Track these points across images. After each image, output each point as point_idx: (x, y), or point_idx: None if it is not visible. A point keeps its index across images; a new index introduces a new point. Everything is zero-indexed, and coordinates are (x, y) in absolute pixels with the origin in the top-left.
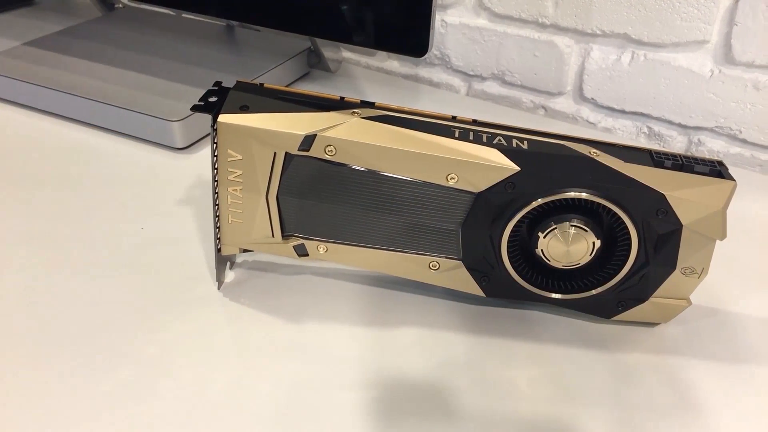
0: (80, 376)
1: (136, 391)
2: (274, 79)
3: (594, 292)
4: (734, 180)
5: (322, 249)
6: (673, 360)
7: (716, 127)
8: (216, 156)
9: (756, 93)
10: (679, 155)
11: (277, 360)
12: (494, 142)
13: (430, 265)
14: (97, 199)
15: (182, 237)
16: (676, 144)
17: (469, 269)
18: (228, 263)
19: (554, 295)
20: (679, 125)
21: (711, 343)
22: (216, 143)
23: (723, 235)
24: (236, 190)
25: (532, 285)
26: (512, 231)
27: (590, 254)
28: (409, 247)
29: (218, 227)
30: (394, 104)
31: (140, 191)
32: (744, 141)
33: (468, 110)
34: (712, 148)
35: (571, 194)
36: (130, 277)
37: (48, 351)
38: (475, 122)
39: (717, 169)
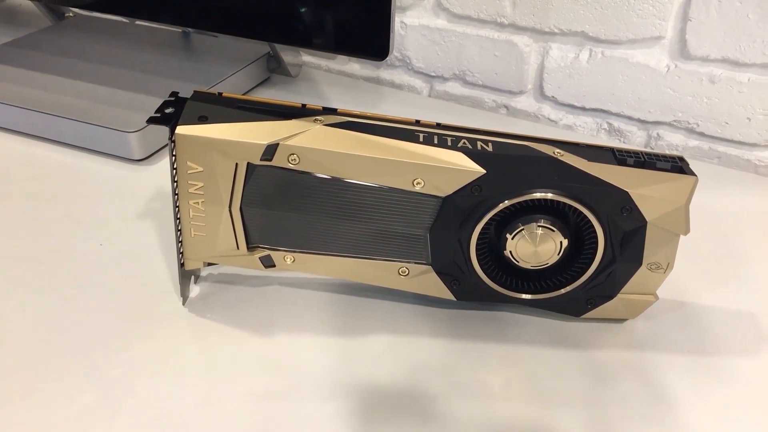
0: (41, 402)
1: (101, 414)
2: (233, 85)
3: (563, 291)
4: (695, 175)
5: (289, 259)
6: (643, 355)
7: (674, 121)
8: (175, 169)
9: (712, 86)
10: (641, 152)
11: (246, 375)
12: (459, 145)
13: (400, 271)
14: (52, 215)
15: (144, 252)
16: (636, 139)
17: (438, 274)
18: (192, 277)
19: (524, 296)
20: (639, 120)
21: (679, 336)
22: (175, 156)
23: (686, 230)
24: (198, 203)
25: (501, 287)
26: (480, 233)
27: (558, 254)
28: (378, 254)
29: (180, 241)
30: (356, 109)
31: (98, 206)
32: (702, 134)
33: (431, 111)
34: (671, 142)
35: (537, 195)
36: (91, 296)
37: (4, 376)
38: (439, 126)
39: (678, 165)
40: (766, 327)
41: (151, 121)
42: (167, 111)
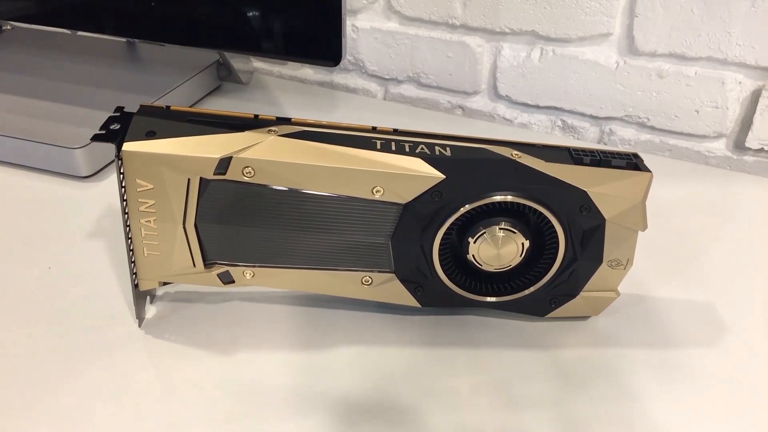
0: None
1: None
2: (183, 95)
3: (527, 291)
4: (650, 171)
5: (248, 274)
6: (607, 351)
7: (625, 116)
8: (124, 187)
9: (660, 81)
10: (597, 151)
11: (209, 397)
12: (417, 151)
13: (363, 280)
14: None
15: (95, 273)
16: (589, 135)
17: (402, 281)
18: (148, 298)
19: (489, 299)
20: (591, 116)
21: (641, 331)
22: (123, 174)
23: (644, 226)
24: (150, 221)
25: (466, 291)
26: (442, 239)
27: (520, 255)
28: (340, 265)
29: (133, 262)
30: (311, 118)
31: (44, 227)
32: (653, 128)
33: (386, 114)
34: (623, 136)
35: (497, 198)
36: (41, 322)
37: None
38: (396, 132)
39: (633, 162)
40: (724, 317)
41: (96, 138)
42: (112, 127)
